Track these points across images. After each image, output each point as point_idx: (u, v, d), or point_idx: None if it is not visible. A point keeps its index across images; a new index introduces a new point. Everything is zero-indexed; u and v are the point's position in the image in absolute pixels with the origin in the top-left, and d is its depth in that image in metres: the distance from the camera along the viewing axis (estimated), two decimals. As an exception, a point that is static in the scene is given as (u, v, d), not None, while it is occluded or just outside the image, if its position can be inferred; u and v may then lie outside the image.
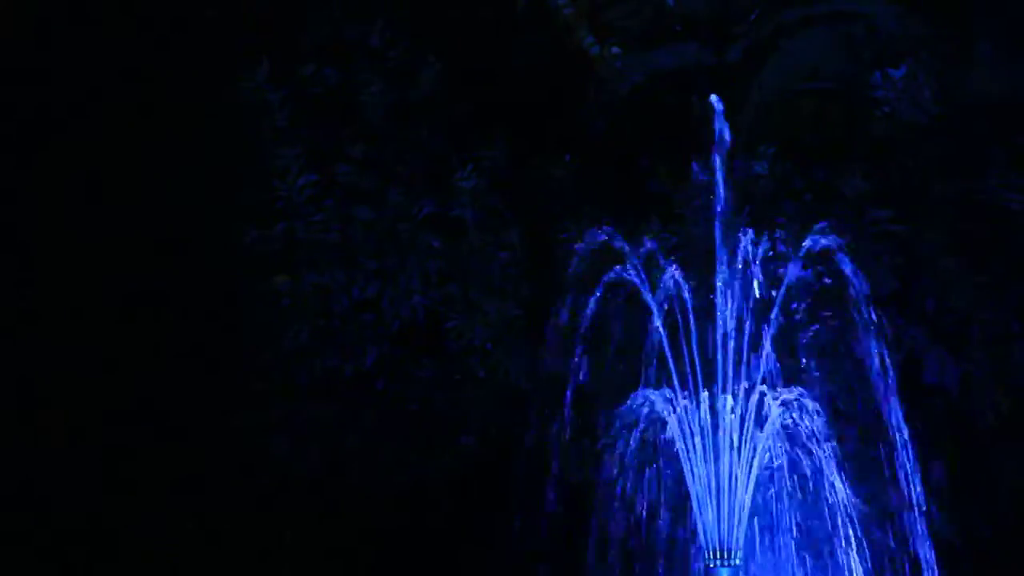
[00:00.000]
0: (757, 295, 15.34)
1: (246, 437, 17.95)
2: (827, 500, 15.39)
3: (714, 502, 14.80)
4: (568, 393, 16.01)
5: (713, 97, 15.67)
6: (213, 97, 18.16)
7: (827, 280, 16.09)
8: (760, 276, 15.41)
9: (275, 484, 17.81)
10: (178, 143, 17.88)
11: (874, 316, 15.62)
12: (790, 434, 15.20)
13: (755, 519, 15.12)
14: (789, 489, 15.45)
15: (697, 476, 14.90)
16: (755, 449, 14.92)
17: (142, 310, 17.71)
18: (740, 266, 15.37)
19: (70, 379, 17.63)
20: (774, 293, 15.42)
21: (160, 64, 18.06)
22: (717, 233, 15.46)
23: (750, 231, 15.70)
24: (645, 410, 15.34)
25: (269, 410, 18.12)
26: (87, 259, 17.76)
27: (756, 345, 15.23)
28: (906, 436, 15.49)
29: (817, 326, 16.42)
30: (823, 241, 15.61)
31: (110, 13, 18.21)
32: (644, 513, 15.57)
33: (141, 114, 17.93)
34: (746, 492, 14.86)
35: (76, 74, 18.05)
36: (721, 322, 15.14)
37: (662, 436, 15.34)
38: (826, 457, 15.23)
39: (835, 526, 15.42)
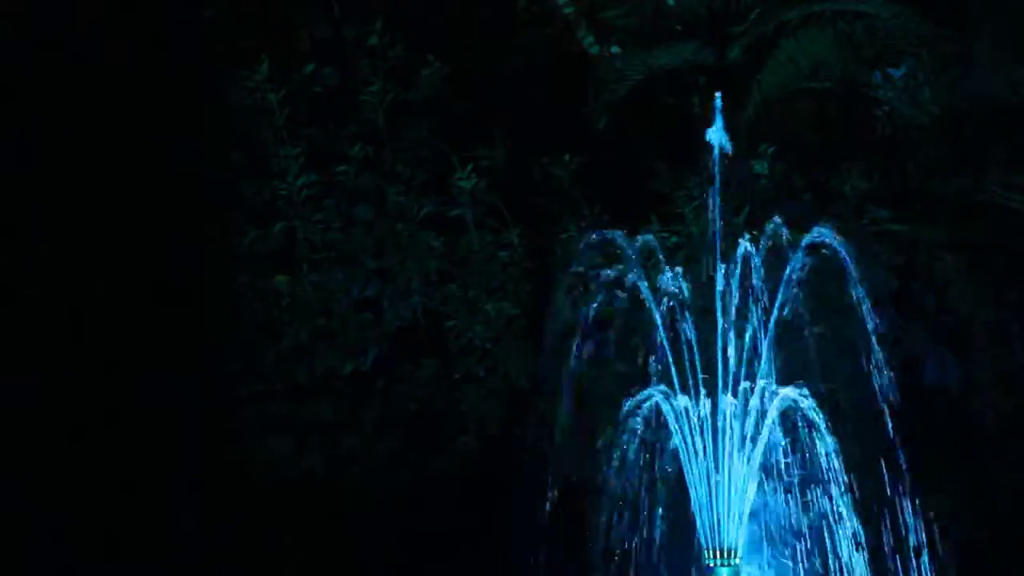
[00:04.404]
0: (756, 294, 15.34)
1: (246, 437, 17.96)
2: (826, 499, 15.38)
3: (714, 501, 14.78)
4: (567, 392, 15.99)
5: (717, 96, 15.67)
6: (213, 97, 18.19)
7: (826, 279, 16.08)
8: (759, 275, 15.41)
9: (275, 484, 17.80)
10: (177, 142, 17.90)
11: (874, 316, 15.60)
12: (789, 432, 15.20)
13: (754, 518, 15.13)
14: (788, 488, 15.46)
15: (697, 475, 14.88)
16: (755, 448, 14.92)
17: (141, 309, 17.70)
18: (740, 265, 15.36)
19: (70, 379, 17.60)
20: (773, 293, 15.41)
21: (159, 63, 18.07)
22: (717, 232, 15.45)
23: (749, 230, 15.70)
24: (645, 409, 15.32)
25: (269, 410, 18.13)
26: (86, 259, 17.76)
27: (756, 343, 15.21)
28: (906, 436, 15.46)
29: (817, 325, 16.40)
30: (822, 240, 15.58)
31: (109, 12, 18.22)
32: (644, 512, 15.55)
33: (140, 113, 17.93)
34: (746, 491, 14.84)
35: (75, 73, 18.04)
36: (721, 320, 15.13)
37: (662, 435, 15.32)
38: (825, 456, 15.23)
39: (833, 525, 15.41)
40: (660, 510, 15.50)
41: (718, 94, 15.61)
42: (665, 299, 15.34)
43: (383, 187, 18.33)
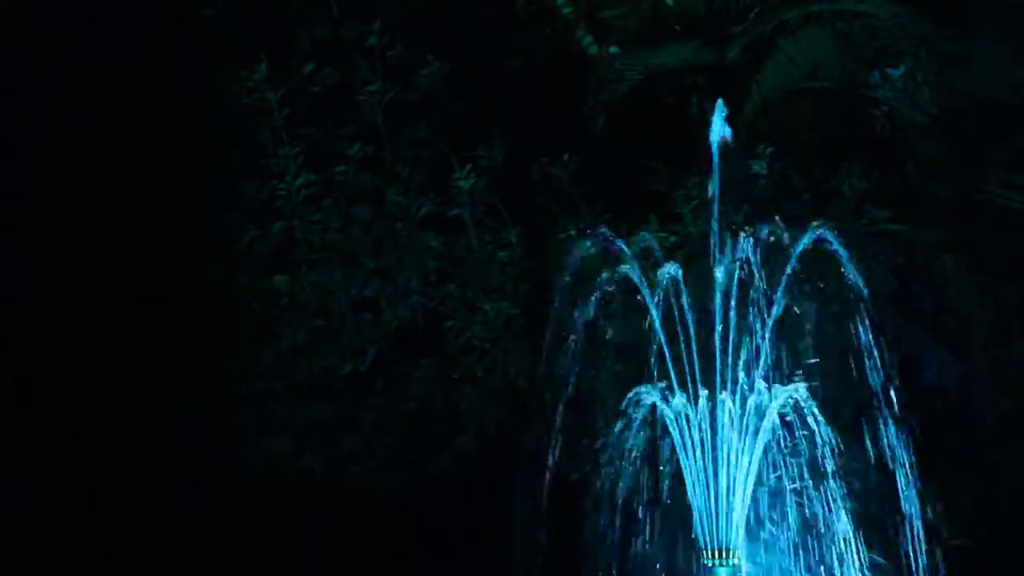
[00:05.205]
0: (754, 293, 15.34)
1: (246, 437, 17.98)
2: (824, 499, 15.39)
3: (713, 500, 14.78)
4: (567, 392, 15.99)
5: (719, 101, 15.69)
6: (212, 96, 18.20)
7: (825, 279, 16.09)
8: (758, 275, 15.41)
9: (274, 484, 17.82)
10: (176, 142, 17.92)
11: (873, 315, 15.60)
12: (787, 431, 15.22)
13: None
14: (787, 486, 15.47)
15: (695, 474, 14.89)
16: (753, 447, 14.92)
17: (140, 309, 17.71)
18: (738, 264, 15.36)
19: (70, 379, 17.61)
20: (772, 292, 15.41)
21: (158, 63, 18.08)
22: (715, 232, 15.46)
23: (748, 230, 15.70)
24: (643, 408, 15.32)
25: (268, 410, 18.15)
26: (85, 259, 17.78)
27: (755, 343, 15.21)
28: (905, 436, 15.45)
29: (816, 325, 16.41)
30: (821, 240, 15.58)
31: (108, 11, 18.23)
32: (642, 512, 15.55)
33: (139, 113, 17.94)
34: (745, 490, 14.84)
35: (75, 73, 18.07)
36: (719, 320, 15.13)
37: (660, 434, 15.33)
38: (823, 454, 15.25)
39: (832, 526, 15.42)
40: (659, 510, 15.51)
41: (719, 100, 15.67)
42: (663, 298, 15.35)
43: (382, 187, 18.33)
